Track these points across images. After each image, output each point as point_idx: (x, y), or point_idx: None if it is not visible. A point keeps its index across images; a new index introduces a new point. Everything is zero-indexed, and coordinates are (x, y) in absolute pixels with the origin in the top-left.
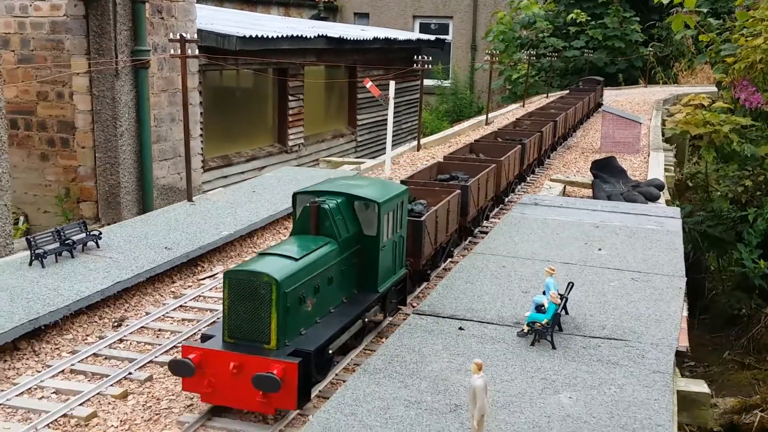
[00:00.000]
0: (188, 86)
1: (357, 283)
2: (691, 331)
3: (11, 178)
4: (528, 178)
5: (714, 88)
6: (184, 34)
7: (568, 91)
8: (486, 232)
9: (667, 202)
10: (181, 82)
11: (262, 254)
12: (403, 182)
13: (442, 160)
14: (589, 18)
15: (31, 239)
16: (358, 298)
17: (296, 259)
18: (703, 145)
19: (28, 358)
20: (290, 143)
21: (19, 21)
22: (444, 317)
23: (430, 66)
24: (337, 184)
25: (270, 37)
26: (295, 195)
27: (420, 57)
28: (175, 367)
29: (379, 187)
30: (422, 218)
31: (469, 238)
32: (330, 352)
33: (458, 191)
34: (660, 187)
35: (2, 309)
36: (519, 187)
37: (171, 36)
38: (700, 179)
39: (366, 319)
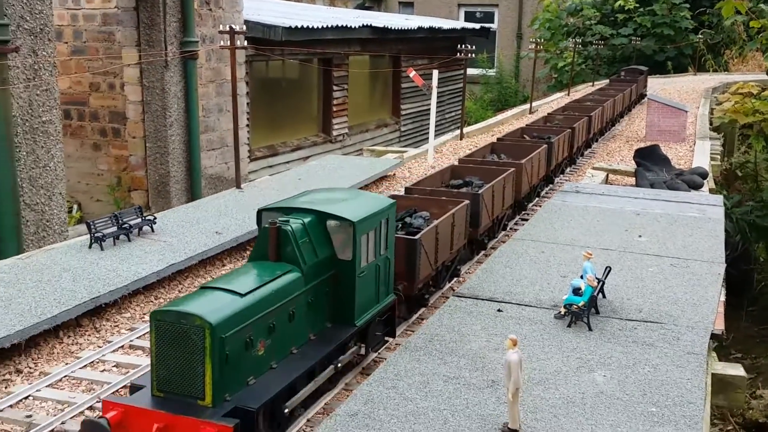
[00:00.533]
0: (237, 77)
1: (330, 315)
2: (738, 323)
3: (65, 167)
4: (556, 180)
5: (765, 76)
6: (233, 26)
7: (608, 82)
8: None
9: (711, 191)
10: (228, 73)
11: (203, 288)
12: (407, 190)
13: (456, 164)
14: (637, 5)
15: (91, 223)
16: (330, 333)
17: (242, 295)
18: (752, 134)
19: (90, 334)
20: (334, 133)
21: (72, 13)
22: (483, 299)
23: (473, 55)
24: (311, 198)
25: (315, 27)
26: (259, 212)
27: (463, 46)
28: (89, 429)
29: (360, 202)
30: (417, 237)
31: (482, 252)
32: (286, 411)
33: (467, 201)
34: (703, 176)
35: (66, 288)
36: (545, 191)
37: (219, 27)
38: (750, 169)
39: (338, 364)
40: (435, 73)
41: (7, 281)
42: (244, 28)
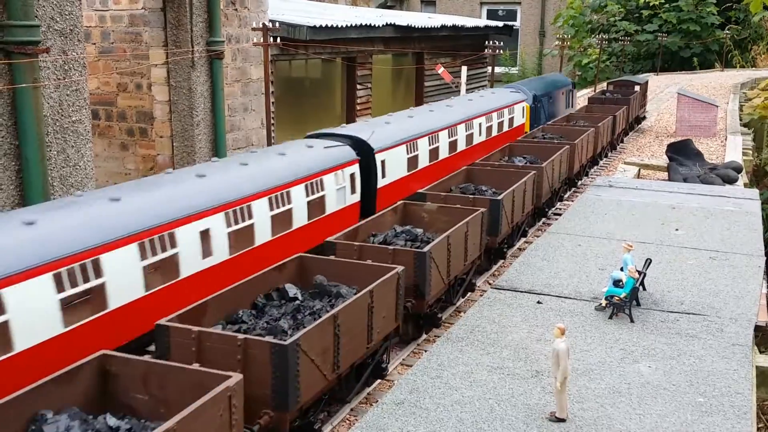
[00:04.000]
0: (261, 76)
1: None
2: None
3: (94, 166)
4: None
5: None
6: (265, 22)
7: (597, 96)
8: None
9: (745, 185)
10: (253, 73)
11: None
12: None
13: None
14: (662, 1)
15: None
16: None
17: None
18: None
19: None
20: None
21: (99, 14)
22: (522, 292)
23: (500, 51)
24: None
25: (339, 26)
26: None
27: (491, 42)
28: None
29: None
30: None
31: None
32: None
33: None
34: (738, 170)
35: None
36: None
37: (243, 27)
38: None
39: None
40: (464, 69)
41: None
42: (277, 25)
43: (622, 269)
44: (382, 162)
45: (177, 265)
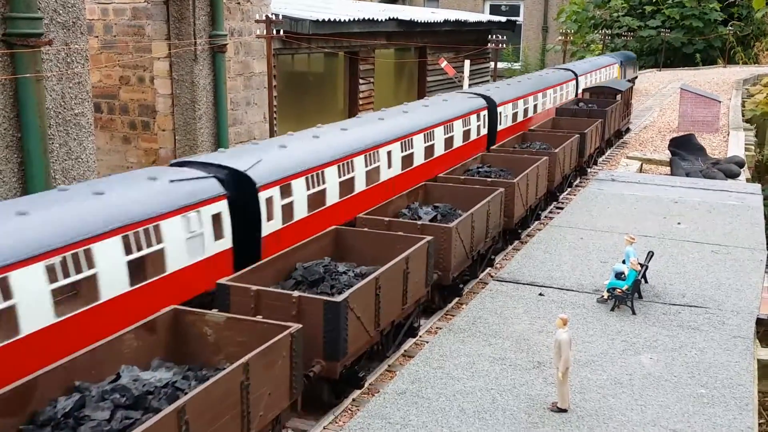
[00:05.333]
0: (264, 70)
1: None
2: None
3: (96, 159)
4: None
5: None
6: (266, 16)
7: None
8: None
9: (748, 181)
10: (256, 66)
11: None
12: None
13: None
14: None
15: None
16: None
17: None
18: None
19: None
20: None
21: (102, 7)
22: (524, 284)
23: (504, 45)
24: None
25: (342, 20)
26: None
27: (494, 37)
28: None
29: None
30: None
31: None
32: None
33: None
34: (740, 164)
35: None
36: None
37: (246, 20)
38: None
39: None
40: (467, 63)
41: None
42: (281, 17)
43: (624, 262)
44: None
45: None
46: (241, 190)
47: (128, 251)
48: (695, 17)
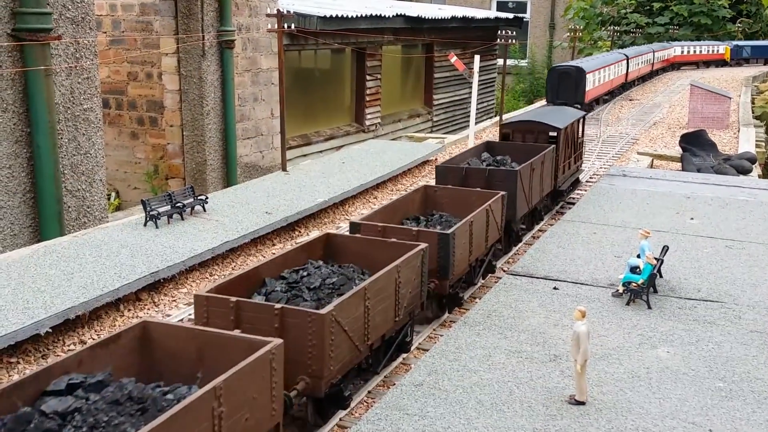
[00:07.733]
0: (271, 66)
1: None
2: None
3: (104, 155)
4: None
5: None
6: (277, 10)
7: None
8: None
9: (760, 176)
10: (263, 62)
11: None
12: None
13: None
14: None
15: (147, 202)
16: None
17: None
18: None
19: (149, 309)
20: (367, 123)
21: (110, 3)
22: (538, 278)
23: (513, 41)
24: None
25: (349, 16)
26: None
27: (504, 32)
28: None
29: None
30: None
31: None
32: None
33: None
34: (752, 160)
35: (125, 263)
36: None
37: (254, 16)
38: None
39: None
40: (477, 58)
41: (67, 256)
42: (291, 12)
43: (639, 256)
44: None
45: None
46: None
47: None
48: (704, 14)
